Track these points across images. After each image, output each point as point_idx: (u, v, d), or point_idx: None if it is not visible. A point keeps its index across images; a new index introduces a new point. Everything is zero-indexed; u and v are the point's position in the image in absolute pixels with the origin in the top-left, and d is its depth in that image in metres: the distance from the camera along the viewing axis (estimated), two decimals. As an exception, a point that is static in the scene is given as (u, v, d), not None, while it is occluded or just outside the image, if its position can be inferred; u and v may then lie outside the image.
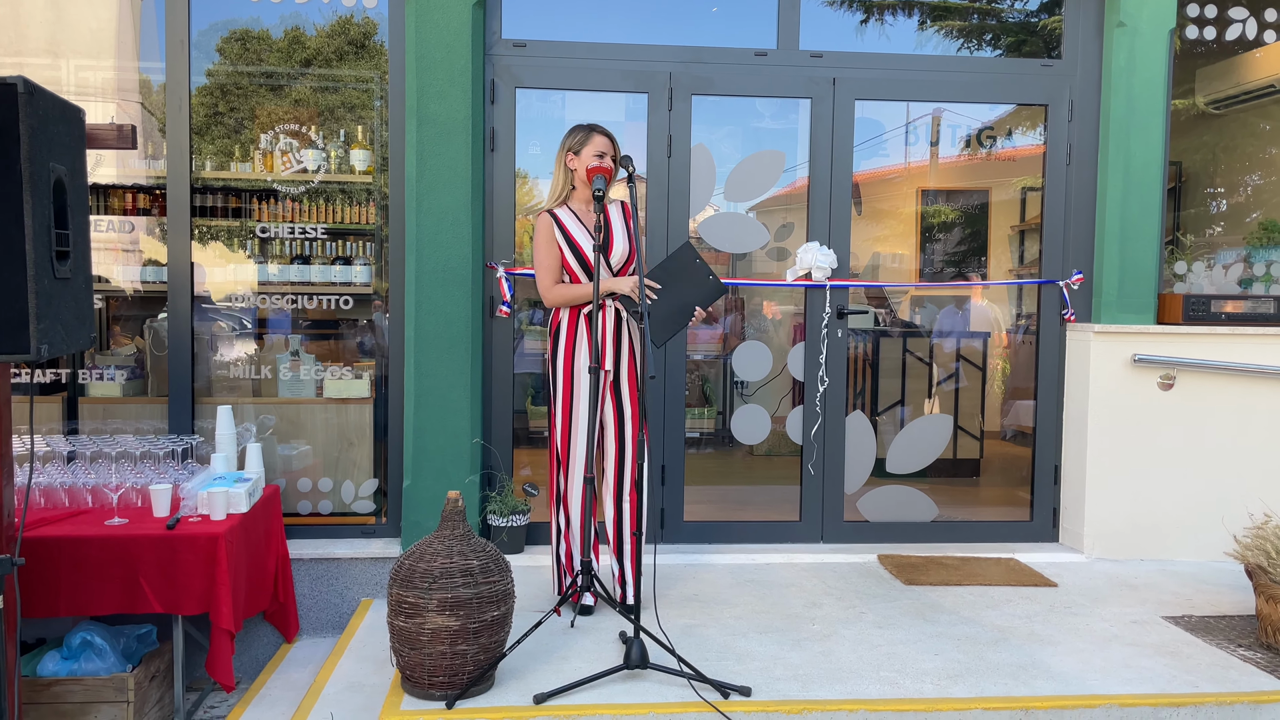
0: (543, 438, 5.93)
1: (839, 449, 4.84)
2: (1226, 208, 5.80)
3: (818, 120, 4.75)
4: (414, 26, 4.35)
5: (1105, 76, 4.78)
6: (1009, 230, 6.77)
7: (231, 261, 4.66)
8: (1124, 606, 4.04)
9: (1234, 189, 5.84)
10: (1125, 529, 4.71)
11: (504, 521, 4.47)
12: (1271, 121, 5.74)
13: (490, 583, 3.02)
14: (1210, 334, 4.68)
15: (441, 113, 4.37)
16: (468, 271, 4.41)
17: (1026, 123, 5.53)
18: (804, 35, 4.75)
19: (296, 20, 4.64)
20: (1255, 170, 5.83)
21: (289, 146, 4.59)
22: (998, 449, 6.38)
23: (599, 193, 3.44)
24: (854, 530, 4.88)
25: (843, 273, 4.78)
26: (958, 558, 4.64)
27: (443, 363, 4.41)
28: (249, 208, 4.64)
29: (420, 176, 4.37)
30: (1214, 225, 5.77)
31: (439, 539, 3.09)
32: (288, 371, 4.60)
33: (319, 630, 4.33)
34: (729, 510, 5.08)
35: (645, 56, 4.65)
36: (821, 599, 4.05)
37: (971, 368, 6.12)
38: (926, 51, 5.06)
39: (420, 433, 4.40)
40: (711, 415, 6.01)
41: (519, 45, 4.58)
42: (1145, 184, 4.70)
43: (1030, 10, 5.26)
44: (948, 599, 4.07)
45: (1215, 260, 5.46)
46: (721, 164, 4.82)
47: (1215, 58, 5.44)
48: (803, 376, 4.85)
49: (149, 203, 4.63)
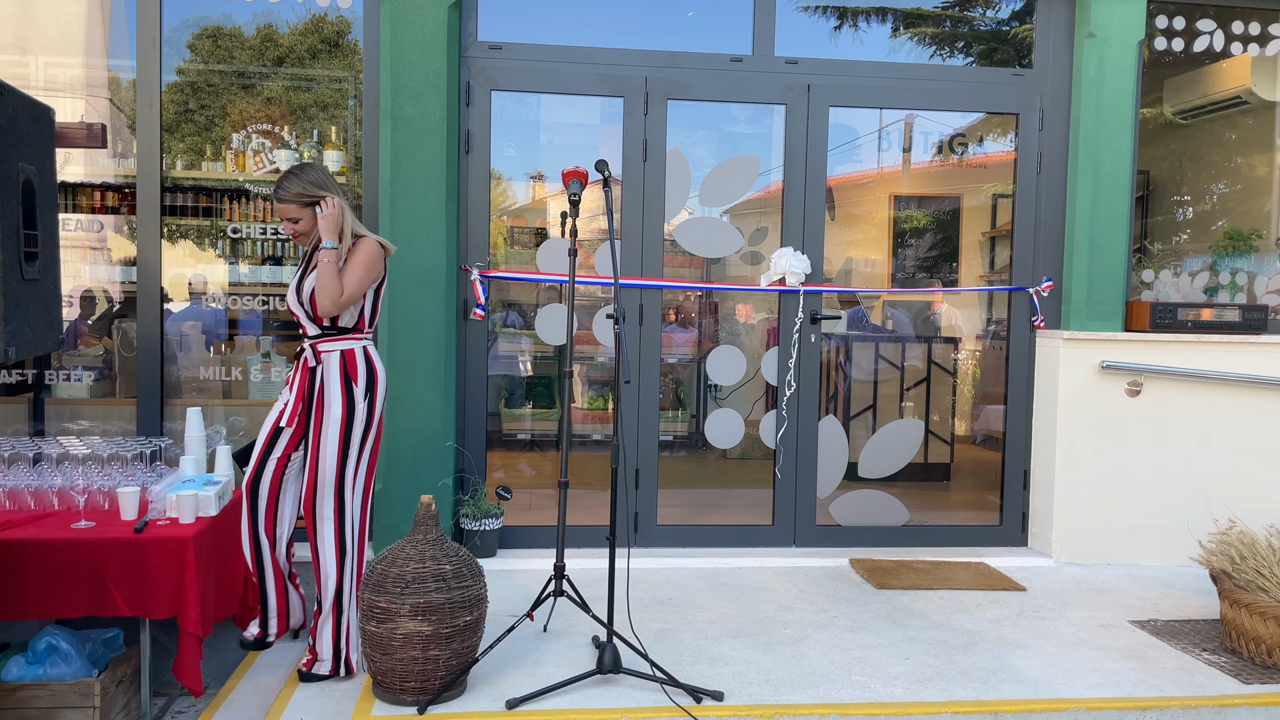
0: (515, 440, 5.93)
1: (811, 453, 4.86)
2: (1193, 215, 5.89)
3: (792, 126, 4.77)
4: (389, 28, 4.33)
5: (1075, 86, 4.84)
6: (980, 236, 6.84)
7: (202, 261, 4.62)
8: (1092, 610, 4.09)
9: (1200, 197, 5.93)
10: (1093, 533, 4.77)
11: (477, 525, 4.45)
12: (1237, 131, 5.84)
13: (463, 587, 3.01)
14: (1177, 341, 4.75)
15: (416, 114, 4.36)
16: (442, 274, 4.40)
17: (997, 129, 5.59)
18: (779, 42, 4.77)
19: (269, 18, 4.60)
20: (1221, 179, 5.93)
21: (261, 146, 4.55)
22: (968, 453, 6.43)
23: (574, 197, 3.43)
24: (826, 534, 4.91)
25: (816, 278, 4.80)
26: (929, 562, 4.67)
27: (416, 365, 4.39)
28: (220, 207, 4.60)
29: (394, 178, 4.35)
30: (1180, 233, 5.86)
31: (411, 543, 3.08)
32: (259, 373, 4.56)
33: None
34: (702, 514, 5.09)
35: (621, 61, 4.65)
36: (794, 603, 4.07)
37: (942, 372, 6.17)
38: (900, 58, 5.10)
39: (393, 436, 4.38)
40: (685, 418, 6.02)
41: (495, 48, 4.57)
42: (1114, 192, 4.76)
43: (1002, 19, 5.32)
44: (918, 603, 4.10)
45: (1182, 268, 5.54)
46: (696, 168, 4.83)
47: (1182, 68, 5.53)
48: (775, 381, 4.87)
49: (118, 201, 4.58)
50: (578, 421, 5.80)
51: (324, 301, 3.22)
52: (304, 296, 3.32)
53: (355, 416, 3.30)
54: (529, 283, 5.20)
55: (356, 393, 3.30)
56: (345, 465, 3.30)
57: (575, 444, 5.76)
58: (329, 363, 3.31)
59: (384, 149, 4.36)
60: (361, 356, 3.34)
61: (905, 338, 6.18)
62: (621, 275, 4.67)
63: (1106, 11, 4.72)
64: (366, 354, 3.36)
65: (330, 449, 3.28)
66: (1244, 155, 5.85)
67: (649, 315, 4.71)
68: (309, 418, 3.36)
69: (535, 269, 4.81)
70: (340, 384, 3.30)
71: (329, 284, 3.20)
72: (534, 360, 5.90)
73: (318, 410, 3.31)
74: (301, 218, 3.33)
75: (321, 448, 3.29)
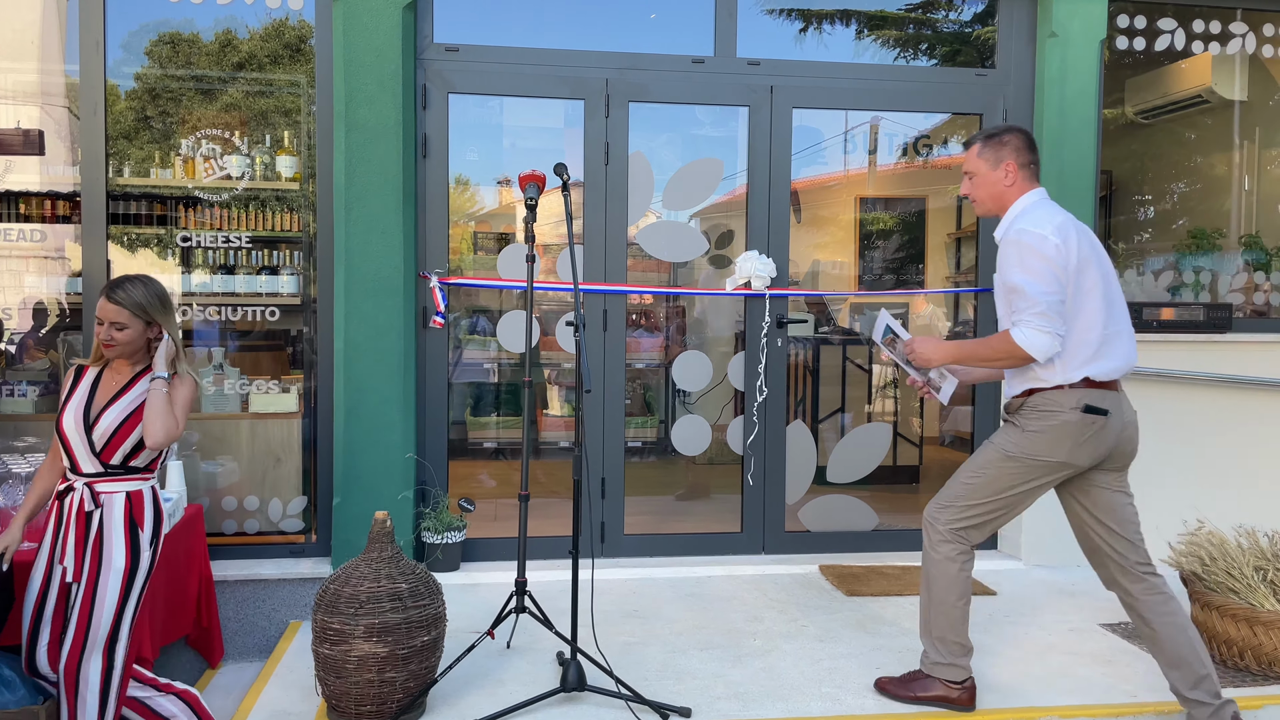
0: (481, 449, 5.82)
1: (780, 459, 4.80)
2: (1154, 215, 5.90)
3: (755, 128, 4.71)
4: (341, 30, 4.22)
5: (1039, 86, 4.82)
6: (945, 238, 6.82)
7: (153, 270, 4.48)
8: (1061, 614, 4.05)
9: (1161, 197, 5.95)
10: (1062, 535, 4.71)
11: (439, 539, 4.35)
12: (1197, 131, 5.85)
13: (420, 606, 2.91)
14: (1144, 341, 4.72)
15: (371, 118, 4.25)
16: (399, 281, 4.29)
17: (962, 130, 5.57)
18: (741, 43, 4.71)
19: (229, 23, 4.47)
20: (1182, 179, 5.95)
21: (211, 152, 4.42)
22: (936, 455, 6.41)
23: (530, 201, 3.34)
24: (795, 540, 4.85)
25: (782, 281, 4.74)
26: (898, 567, 4.62)
27: (374, 375, 4.28)
28: (173, 215, 4.46)
29: (350, 183, 4.24)
30: (1142, 232, 5.87)
31: (366, 561, 2.98)
32: (211, 386, 4.43)
33: (245, 655, 4.16)
34: (670, 521, 5.02)
35: (582, 63, 4.57)
36: (763, 612, 4.00)
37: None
38: (864, 61, 5.05)
39: (351, 448, 4.27)
40: (654, 424, 5.93)
41: (451, 50, 4.47)
42: (1079, 193, 4.74)
43: (964, 20, 5.29)
44: (889, 610, 4.05)
45: (1145, 267, 5.54)
46: (661, 171, 4.76)
47: (1143, 68, 5.54)
48: (743, 386, 4.80)
49: (69, 209, 4.43)
50: (553, 429, 5.70)
51: (158, 435, 2.82)
52: (100, 428, 2.85)
53: (139, 567, 2.88)
54: (494, 289, 5.11)
55: (142, 540, 2.89)
56: (121, 621, 2.86)
57: (545, 451, 5.66)
58: (112, 506, 2.87)
59: (338, 153, 4.25)
60: (150, 499, 2.94)
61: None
62: (585, 280, 4.59)
63: (1068, 10, 4.70)
64: (154, 495, 2.97)
65: (108, 604, 2.83)
66: (1204, 154, 5.87)
67: (613, 321, 4.63)
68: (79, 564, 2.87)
69: (498, 275, 4.72)
70: (125, 531, 2.87)
71: (165, 417, 2.83)
72: (501, 367, 5.80)
73: (93, 559, 2.84)
74: (130, 328, 2.89)
75: (96, 603, 2.82)
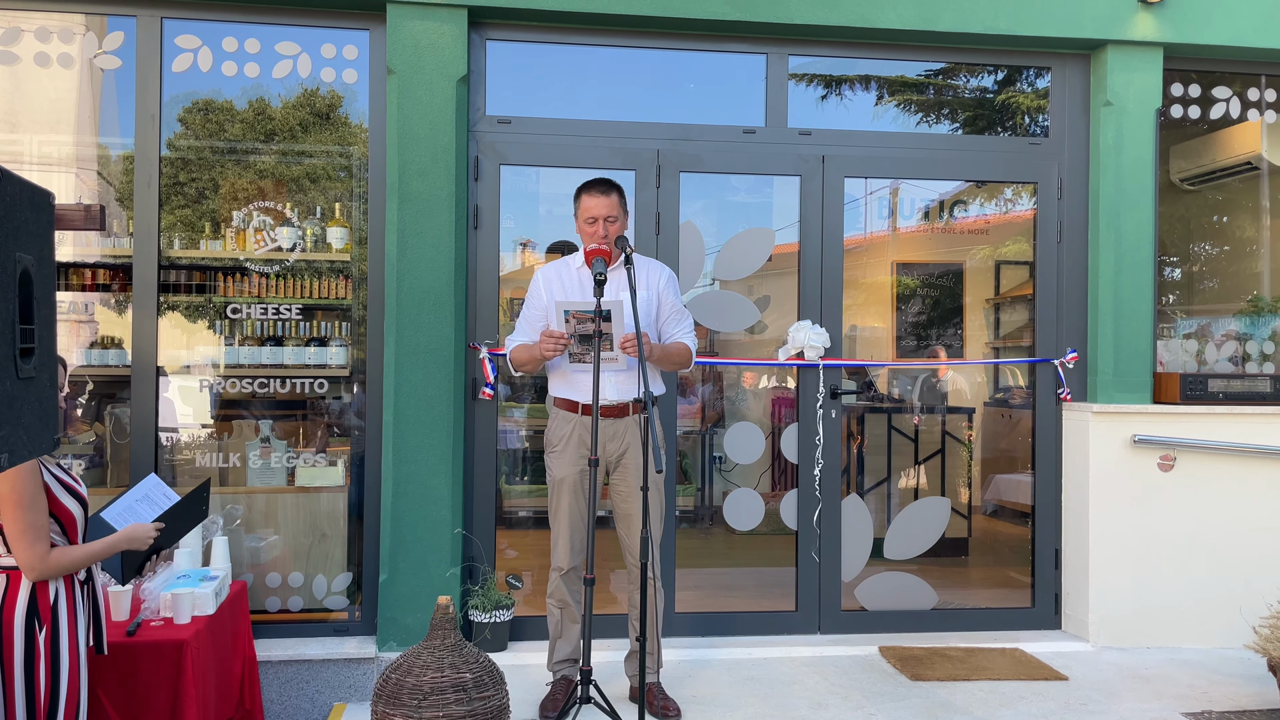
0: (519, 518, 5.69)
1: (835, 534, 4.66)
2: (1179, 276, 5.77)
3: (807, 198, 4.66)
4: (396, 103, 4.22)
5: (1094, 154, 4.77)
6: (984, 303, 6.72)
7: (199, 343, 4.44)
8: (1140, 701, 3.87)
9: (1186, 258, 5.84)
10: (1130, 615, 4.57)
11: (487, 617, 4.22)
12: (1244, 198, 5.77)
13: (484, 698, 2.79)
14: (1208, 413, 4.60)
15: (424, 190, 4.23)
16: (450, 352, 4.23)
17: (988, 191, 5.46)
18: (792, 113, 4.69)
19: (260, 91, 4.47)
20: (1207, 239, 5.85)
21: (264, 224, 4.40)
22: (982, 525, 6.24)
23: (600, 276, 3.28)
24: (853, 620, 4.68)
25: (835, 351, 4.66)
26: (962, 649, 4.45)
27: (423, 448, 4.20)
28: (215, 284, 4.42)
29: (401, 255, 4.21)
30: (1169, 294, 5.74)
31: (428, 649, 2.86)
32: (257, 459, 4.36)
33: (288, 738, 4.03)
34: (718, 597, 4.86)
35: (633, 134, 4.55)
36: (827, 698, 3.84)
37: (955, 443, 5.99)
38: (912, 130, 5.02)
39: (398, 523, 4.17)
40: (692, 493, 5.80)
41: (504, 121, 4.47)
42: (1137, 262, 4.66)
43: (1017, 89, 5.26)
44: (958, 696, 3.88)
45: (1175, 330, 5.40)
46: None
47: (1191, 133, 5.47)
48: (796, 458, 4.68)
49: (109, 278, 4.41)
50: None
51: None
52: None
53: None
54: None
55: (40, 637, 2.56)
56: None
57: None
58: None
59: (390, 225, 4.22)
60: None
61: (931, 407, 5.99)
62: (635, 352, 4.51)
63: (1123, 80, 4.66)
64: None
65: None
66: (1231, 215, 5.76)
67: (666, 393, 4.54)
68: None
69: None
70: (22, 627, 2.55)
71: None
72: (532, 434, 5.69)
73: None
74: None
75: None
